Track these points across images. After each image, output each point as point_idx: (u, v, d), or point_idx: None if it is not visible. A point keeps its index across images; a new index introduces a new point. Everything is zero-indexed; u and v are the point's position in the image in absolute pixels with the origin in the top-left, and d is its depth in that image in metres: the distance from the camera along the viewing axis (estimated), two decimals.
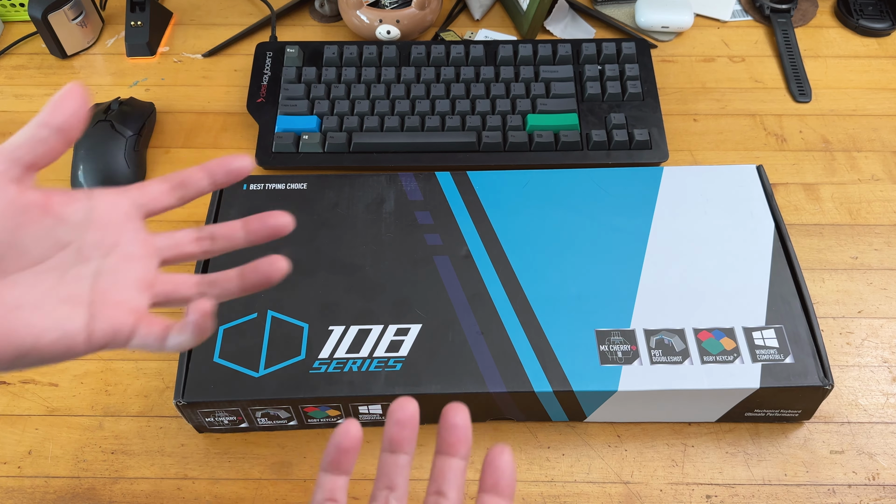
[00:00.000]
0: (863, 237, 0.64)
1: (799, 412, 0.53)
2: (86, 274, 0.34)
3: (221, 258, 0.53)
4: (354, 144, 0.68)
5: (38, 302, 0.32)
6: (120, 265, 0.35)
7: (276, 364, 0.52)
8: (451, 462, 0.35)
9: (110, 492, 0.52)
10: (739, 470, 0.53)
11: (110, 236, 0.35)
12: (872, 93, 0.74)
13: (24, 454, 0.54)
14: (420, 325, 0.53)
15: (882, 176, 0.68)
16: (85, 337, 0.33)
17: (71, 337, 0.33)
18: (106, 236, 0.35)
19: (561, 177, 0.62)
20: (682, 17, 0.78)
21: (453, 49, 0.73)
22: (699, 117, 0.73)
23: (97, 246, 0.35)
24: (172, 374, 0.57)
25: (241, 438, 0.55)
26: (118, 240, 0.35)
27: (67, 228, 0.34)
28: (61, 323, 0.33)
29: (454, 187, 0.61)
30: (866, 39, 0.79)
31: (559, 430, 0.55)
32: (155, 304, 0.37)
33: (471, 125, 0.69)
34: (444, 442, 0.35)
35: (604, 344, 0.52)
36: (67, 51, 0.79)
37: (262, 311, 0.54)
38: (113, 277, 0.35)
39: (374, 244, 0.58)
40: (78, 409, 0.56)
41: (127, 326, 0.34)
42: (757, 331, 0.52)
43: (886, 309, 0.60)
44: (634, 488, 0.52)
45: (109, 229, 0.35)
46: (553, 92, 0.70)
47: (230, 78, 0.77)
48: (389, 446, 0.35)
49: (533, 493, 0.52)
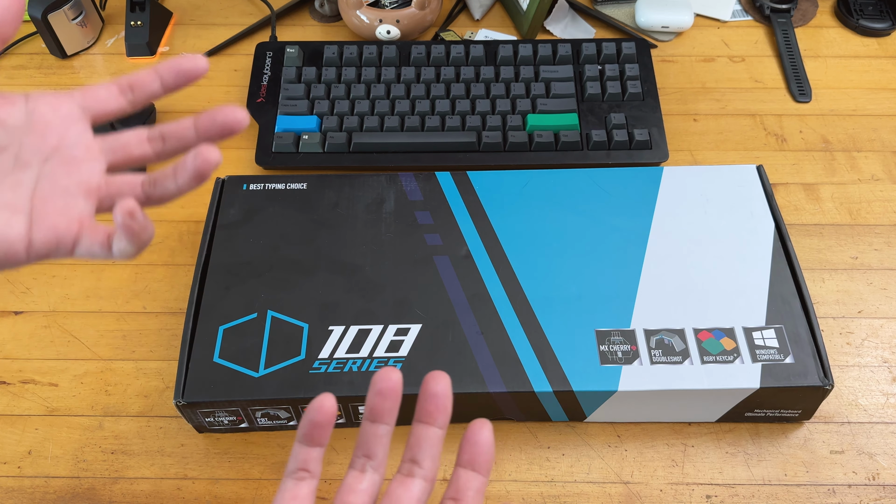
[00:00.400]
0: (863, 237, 0.64)
1: (799, 412, 0.53)
2: (25, 180, 0.33)
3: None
4: (354, 144, 0.68)
5: None
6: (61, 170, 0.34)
7: (276, 364, 0.52)
8: (428, 431, 0.35)
9: (110, 492, 0.52)
10: (739, 470, 0.53)
11: (51, 140, 0.34)
12: (872, 93, 0.74)
13: (24, 454, 0.54)
14: (420, 325, 0.53)
15: (882, 176, 0.68)
16: (25, 245, 0.32)
17: (9, 244, 0.32)
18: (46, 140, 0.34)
19: (561, 177, 0.62)
20: (682, 17, 0.78)
21: (453, 49, 0.73)
22: (699, 117, 0.73)
23: (37, 150, 0.33)
24: (172, 374, 0.57)
25: (241, 438, 0.55)
26: (60, 143, 0.34)
27: (3, 132, 0.33)
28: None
29: (454, 187, 0.61)
30: (866, 39, 0.79)
31: (559, 430, 0.55)
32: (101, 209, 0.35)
33: (471, 125, 0.69)
34: (423, 410, 0.35)
35: (604, 344, 0.52)
36: (67, 51, 0.79)
37: (262, 311, 0.54)
38: (54, 183, 0.33)
39: (374, 244, 0.58)
40: (78, 409, 0.56)
41: (70, 234, 0.33)
42: (757, 331, 0.52)
43: (886, 309, 0.60)
44: (634, 488, 0.52)
45: (50, 132, 0.34)
46: (553, 92, 0.70)
47: (230, 78, 0.77)
48: (370, 415, 0.35)
49: (533, 493, 0.52)
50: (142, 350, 0.59)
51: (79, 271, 0.63)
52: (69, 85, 0.77)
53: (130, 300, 0.62)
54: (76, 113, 0.35)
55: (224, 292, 0.55)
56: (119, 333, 0.60)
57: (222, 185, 0.62)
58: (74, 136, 0.34)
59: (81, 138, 0.34)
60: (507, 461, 0.53)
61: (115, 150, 0.35)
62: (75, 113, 0.35)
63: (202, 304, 0.55)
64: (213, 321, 0.54)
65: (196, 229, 0.66)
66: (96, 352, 0.59)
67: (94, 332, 0.60)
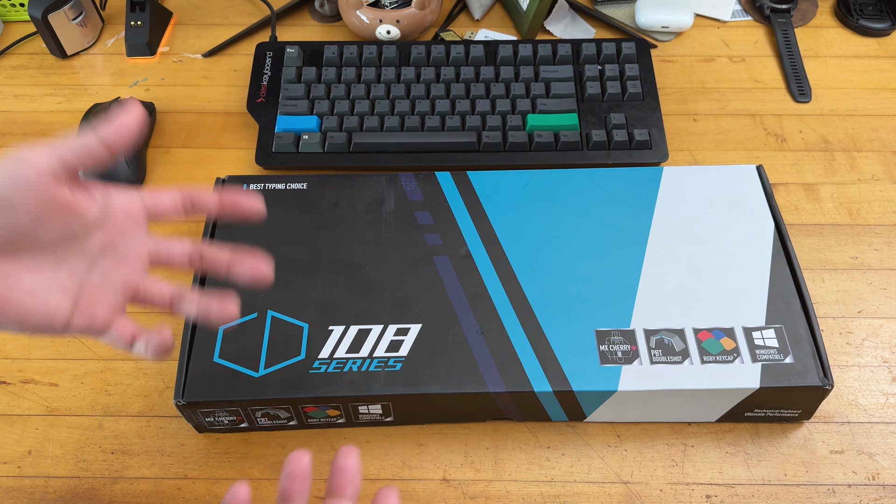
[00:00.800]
0: (863, 237, 0.64)
1: (799, 412, 0.53)
2: (81, 268, 0.37)
3: None
4: (354, 144, 0.68)
5: (34, 287, 0.36)
6: (113, 265, 0.38)
7: (276, 364, 0.52)
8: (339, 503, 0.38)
9: (110, 492, 0.52)
10: (739, 470, 0.53)
11: (113, 236, 0.38)
12: (872, 93, 0.74)
13: (24, 454, 0.54)
14: (420, 325, 0.53)
15: (882, 176, 0.68)
16: (64, 324, 0.37)
17: (52, 321, 0.36)
18: (109, 236, 0.38)
19: (561, 177, 0.62)
20: (682, 17, 0.78)
21: (453, 49, 0.73)
22: (699, 117, 0.73)
23: (99, 244, 0.38)
24: (172, 374, 0.57)
25: (241, 438, 0.55)
26: (119, 241, 0.38)
27: (81, 225, 0.37)
28: (47, 309, 0.36)
29: (454, 187, 0.61)
30: (866, 39, 0.79)
31: (559, 430, 0.55)
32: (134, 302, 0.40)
33: (471, 125, 0.69)
34: (333, 483, 0.38)
35: (604, 344, 0.52)
36: (67, 51, 0.79)
37: (262, 311, 0.54)
38: (103, 276, 0.38)
39: (374, 244, 0.58)
40: (78, 409, 0.56)
41: (101, 323, 0.38)
42: (757, 331, 0.52)
43: (886, 309, 0.60)
44: (634, 488, 0.52)
45: (114, 231, 0.38)
46: (553, 92, 0.70)
47: (230, 78, 0.77)
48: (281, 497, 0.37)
49: (533, 493, 0.52)
50: None
51: None
52: (69, 85, 0.77)
53: None
54: (141, 215, 0.39)
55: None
56: None
57: (222, 186, 0.62)
58: (133, 238, 0.39)
59: (138, 242, 0.39)
60: (507, 461, 0.53)
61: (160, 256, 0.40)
62: (140, 215, 0.39)
63: None
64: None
65: (196, 229, 0.66)
66: (96, 352, 0.59)
67: None
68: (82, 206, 0.36)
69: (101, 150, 0.36)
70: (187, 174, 0.69)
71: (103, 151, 0.36)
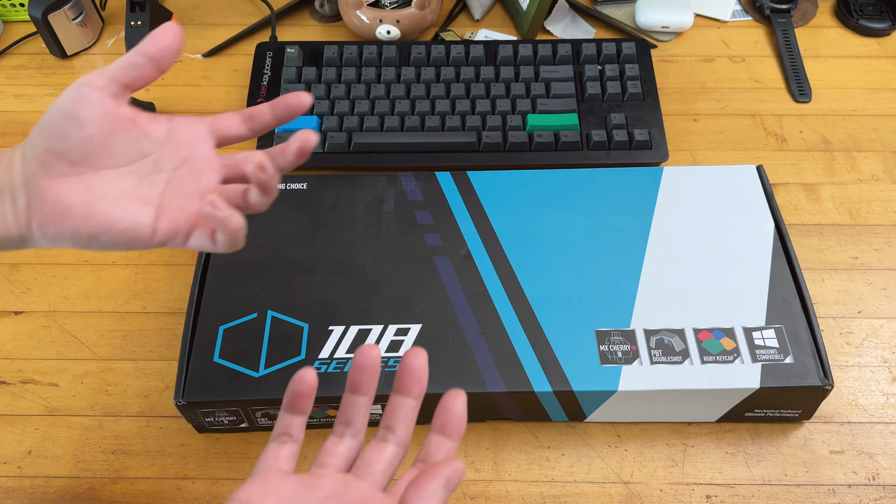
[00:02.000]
0: (863, 237, 0.64)
1: (799, 412, 0.53)
2: (159, 181, 0.41)
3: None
4: (354, 144, 0.68)
5: (118, 196, 0.39)
6: (187, 177, 0.41)
7: (276, 364, 0.52)
8: (403, 401, 0.39)
9: (110, 492, 0.52)
10: (739, 470, 0.53)
11: (182, 153, 0.41)
12: (872, 93, 0.74)
13: (24, 454, 0.54)
14: (420, 325, 0.53)
15: (882, 176, 0.68)
16: (150, 231, 0.40)
17: (138, 229, 0.39)
18: (179, 152, 0.41)
19: (561, 177, 0.62)
20: (682, 17, 0.78)
21: (453, 49, 0.73)
22: (699, 117, 0.73)
23: (171, 160, 0.41)
24: (172, 374, 0.57)
25: (241, 438, 0.55)
26: (189, 156, 0.41)
27: (150, 142, 0.40)
28: (133, 216, 0.39)
29: (454, 187, 0.61)
30: (866, 39, 0.79)
31: (559, 430, 0.55)
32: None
33: (471, 125, 0.69)
34: (400, 382, 0.39)
35: (604, 344, 0.52)
36: (67, 51, 0.79)
37: (262, 311, 0.54)
38: (179, 186, 0.41)
39: (373, 244, 0.58)
40: (78, 409, 0.56)
41: (185, 227, 0.41)
42: (757, 331, 0.52)
43: (886, 309, 0.60)
44: (634, 488, 0.52)
45: (183, 147, 0.41)
46: (553, 92, 0.70)
47: (230, 78, 0.77)
48: (350, 387, 0.39)
49: (533, 493, 0.52)
50: (142, 350, 0.59)
51: (79, 271, 0.63)
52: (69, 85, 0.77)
53: (130, 300, 0.62)
54: (205, 134, 0.42)
55: (224, 292, 0.55)
56: (119, 333, 0.60)
57: None
58: (201, 152, 0.42)
59: (206, 154, 0.42)
60: (507, 461, 0.53)
61: (229, 167, 0.43)
62: (204, 134, 0.42)
63: (202, 304, 0.55)
64: (213, 321, 0.54)
65: None
66: (96, 352, 0.59)
67: (94, 332, 0.60)
68: (146, 124, 0.40)
69: (149, 66, 0.39)
70: None
71: (150, 68, 0.39)
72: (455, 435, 0.38)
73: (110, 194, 0.39)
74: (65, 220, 0.38)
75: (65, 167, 0.39)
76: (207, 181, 0.42)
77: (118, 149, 0.40)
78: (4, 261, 0.64)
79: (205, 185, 0.42)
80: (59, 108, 0.38)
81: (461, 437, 0.38)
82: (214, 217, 0.39)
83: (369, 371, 0.39)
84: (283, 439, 0.39)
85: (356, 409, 0.39)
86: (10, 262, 0.64)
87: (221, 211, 0.39)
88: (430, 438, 0.38)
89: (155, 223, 0.40)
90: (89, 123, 0.38)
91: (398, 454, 0.39)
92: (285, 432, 0.39)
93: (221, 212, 0.39)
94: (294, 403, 0.39)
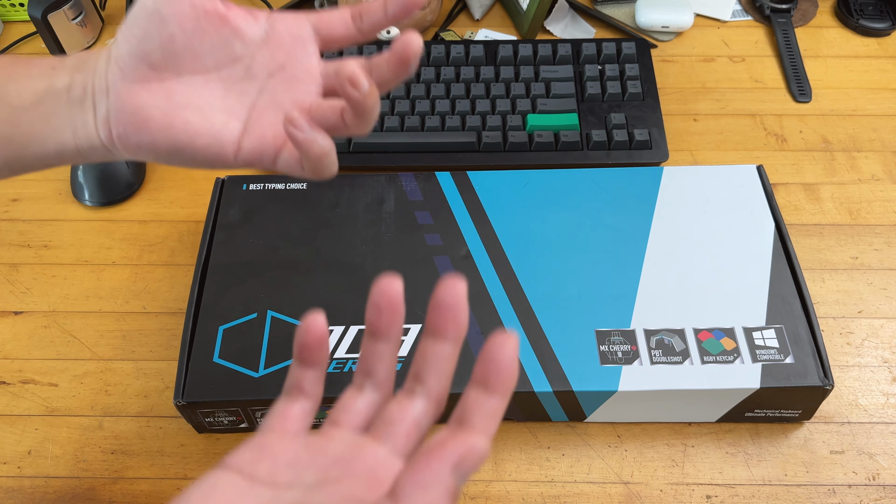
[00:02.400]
0: (863, 237, 0.64)
1: (799, 412, 0.53)
2: (250, 91, 0.36)
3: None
4: (354, 144, 0.68)
5: (202, 106, 0.35)
6: (282, 86, 0.36)
7: (276, 364, 0.52)
8: (435, 346, 0.29)
9: (110, 492, 0.52)
10: (739, 470, 0.53)
11: (280, 57, 0.36)
12: (872, 93, 0.74)
13: (24, 454, 0.54)
14: (420, 325, 0.53)
15: (882, 176, 0.68)
16: (234, 149, 0.35)
17: (222, 145, 0.35)
18: (276, 57, 0.36)
19: (561, 177, 0.62)
20: (682, 17, 0.78)
21: (453, 49, 0.73)
22: (699, 117, 0.73)
23: (265, 65, 0.36)
24: (172, 374, 0.57)
25: (241, 438, 0.55)
26: (287, 62, 0.36)
27: (242, 44, 0.36)
28: (216, 129, 0.35)
29: (454, 187, 0.61)
30: (866, 39, 0.79)
31: (559, 430, 0.55)
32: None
33: (471, 125, 0.69)
34: (432, 322, 0.29)
35: (604, 344, 0.52)
36: (67, 51, 0.79)
37: (261, 311, 0.54)
38: (273, 98, 0.36)
39: (374, 244, 0.58)
40: (78, 409, 0.56)
41: (274, 147, 0.36)
42: (757, 331, 0.52)
43: (886, 309, 0.60)
44: (634, 488, 0.52)
45: (281, 51, 0.36)
46: (553, 92, 0.70)
47: None
48: (368, 331, 0.31)
49: (533, 493, 0.52)
50: (142, 350, 0.59)
51: (79, 271, 0.63)
52: None
53: (130, 300, 0.62)
54: (308, 34, 0.37)
55: (224, 292, 0.55)
56: (119, 333, 0.60)
57: (222, 185, 0.62)
58: (301, 57, 0.36)
59: (307, 60, 0.36)
60: (507, 461, 0.53)
61: (331, 75, 0.37)
62: (307, 35, 0.37)
63: (202, 304, 0.55)
64: (213, 321, 0.54)
65: (196, 229, 0.66)
66: (96, 352, 0.59)
67: (93, 332, 0.60)
68: (239, 22, 0.35)
69: None
70: (187, 174, 0.69)
71: None
72: (502, 389, 0.27)
73: (193, 104, 0.35)
74: (143, 131, 0.34)
75: (146, 72, 0.34)
76: (305, 93, 0.36)
77: (205, 51, 0.35)
78: (4, 261, 0.64)
79: (301, 97, 0.36)
80: (142, 1, 0.34)
81: (510, 392, 0.27)
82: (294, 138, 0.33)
83: (388, 310, 0.30)
84: (294, 394, 0.32)
85: (376, 356, 0.31)
86: (10, 262, 0.64)
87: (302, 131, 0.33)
88: (467, 393, 0.27)
89: (240, 140, 0.35)
90: (171, 21, 0.33)
91: (428, 412, 0.30)
92: (296, 385, 0.32)
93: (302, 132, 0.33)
94: (303, 356, 0.31)
